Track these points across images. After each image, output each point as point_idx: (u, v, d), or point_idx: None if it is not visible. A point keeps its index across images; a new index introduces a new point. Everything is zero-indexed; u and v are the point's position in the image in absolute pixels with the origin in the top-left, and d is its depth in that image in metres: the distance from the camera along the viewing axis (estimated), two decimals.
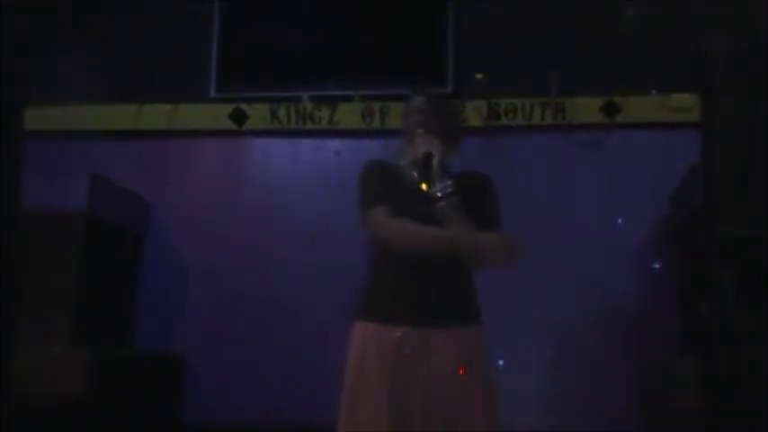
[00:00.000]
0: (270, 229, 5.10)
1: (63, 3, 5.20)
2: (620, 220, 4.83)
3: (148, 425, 4.51)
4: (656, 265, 4.73)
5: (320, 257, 4.90)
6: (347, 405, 2.47)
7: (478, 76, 5.10)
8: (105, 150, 5.24)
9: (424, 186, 2.43)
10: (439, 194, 2.42)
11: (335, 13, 5.35)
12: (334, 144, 5.16)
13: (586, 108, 4.99)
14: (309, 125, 5.22)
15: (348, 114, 5.16)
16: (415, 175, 2.50)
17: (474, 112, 5.05)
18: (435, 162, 2.44)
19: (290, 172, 5.24)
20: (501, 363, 4.66)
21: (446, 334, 2.47)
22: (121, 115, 5.31)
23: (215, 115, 5.30)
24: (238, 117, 5.28)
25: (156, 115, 5.30)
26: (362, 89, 5.18)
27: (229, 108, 5.29)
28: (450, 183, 2.43)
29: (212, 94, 5.34)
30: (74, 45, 5.36)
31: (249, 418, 4.73)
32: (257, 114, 5.26)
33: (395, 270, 2.53)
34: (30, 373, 3.27)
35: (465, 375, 2.44)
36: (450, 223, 2.43)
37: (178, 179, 5.31)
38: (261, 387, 4.83)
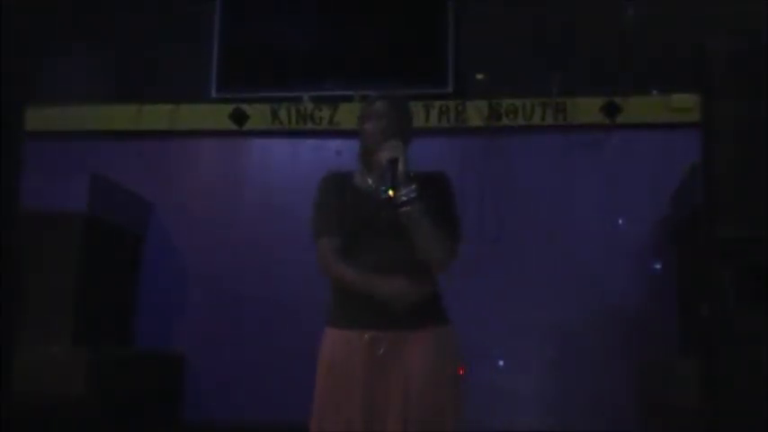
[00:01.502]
0: (270, 229, 5.09)
1: (63, 3, 5.20)
2: (620, 221, 4.83)
3: (148, 425, 4.51)
4: (657, 265, 4.74)
5: None
6: (319, 409, 2.50)
7: (479, 76, 5.10)
8: (105, 150, 5.24)
9: (390, 193, 2.39)
10: (404, 199, 2.40)
11: (336, 13, 5.35)
12: (334, 144, 5.16)
13: (587, 108, 4.99)
14: (310, 125, 5.22)
15: (348, 114, 5.15)
16: (373, 182, 2.52)
17: (475, 113, 5.05)
18: (400, 168, 2.43)
19: (291, 172, 5.23)
20: (501, 363, 4.68)
21: (413, 336, 2.47)
22: (122, 115, 5.31)
23: (215, 115, 5.30)
24: (239, 117, 5.28)
25: (156, 115, 5.30)
26: (363, 89, 5.17)
27: (230, 108, 5.29)
28: (414, 187, 2.41)
29: (213, 94, 5.33)
30: (74, 45, 5.37)
31: (249, 418, 4.74)
32: (258, 114, 5.26)
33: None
34: (30, 373, 3.26)
35: (434, 375, 2.45)
36: (414, 228, 2.42)
37: (178, 179, 5.31)
38: (261, 387, 4.83)
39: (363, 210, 2.53)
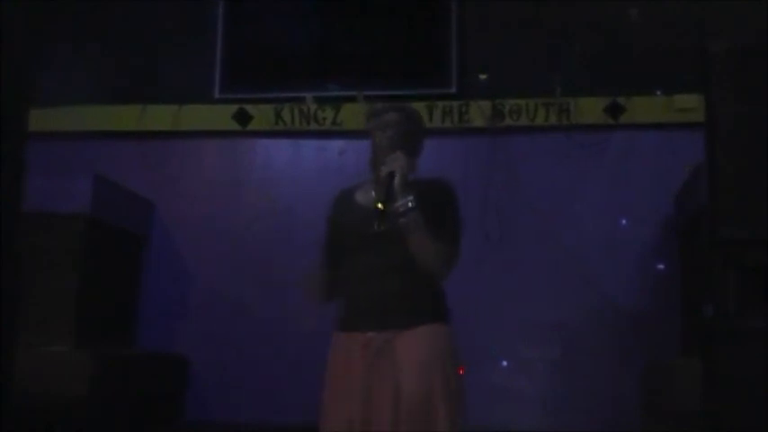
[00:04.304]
0: (273, 229, 5.09)
1: (64, 3, 5.20)
2: (623, 221, 4.82)
3: (149, 425, 4.51)
4: (659, 266, 4.73)
5: None
6: (323, 409, 2.58)
7: (483, 76, 5.10)
8: (108, 151, 5.25)
9: (380, 206, 2.42)
10: (401, 210, 2.44)
11: (339, 13, 5.35)
12: (337, 144, 5.16)
13: (590, 109, 4.98)
14: (313, 126, 5.22)
15: (352, 115, 5.15)
16: (375, 195, 2.56)
17: (478, 113, 5.05)
18: (397, 181, 2.46)
19: (294, 173, 5.23)
20: (502, 363, 4.67)
21: (405, 334, 2.52)
22: (125, 116, 5.32)
23: (219, 116, 5.31)
24: (242, 118, 5.29)
25: (159, 116, 5.31)
26: (366, 90, 5.17)
27: (233, 109, 5.29)
28: (411, 198, 2.45)
29: (216, 95, 5.34)
30: (76, 45, 5.38)
31: (250, 419, 4.74)
32: (261, 115, 5.27)
33: (356, 280, 2.61)
34: (31, 373, 3.27)
35: (421, 372, 2.47)
36: (412, 236, 2.47)
37: (181, 180, 5.31)
38: (261, 388, 4.83)
39: (362, 225, 2.57)
